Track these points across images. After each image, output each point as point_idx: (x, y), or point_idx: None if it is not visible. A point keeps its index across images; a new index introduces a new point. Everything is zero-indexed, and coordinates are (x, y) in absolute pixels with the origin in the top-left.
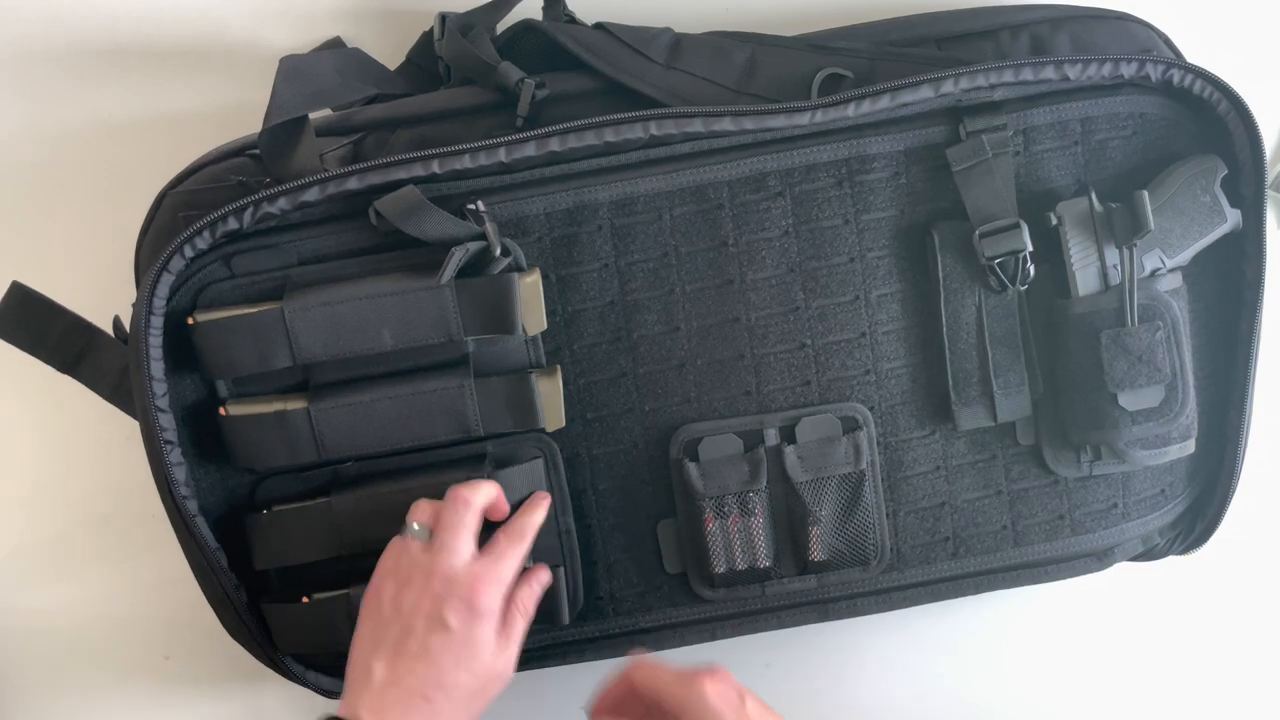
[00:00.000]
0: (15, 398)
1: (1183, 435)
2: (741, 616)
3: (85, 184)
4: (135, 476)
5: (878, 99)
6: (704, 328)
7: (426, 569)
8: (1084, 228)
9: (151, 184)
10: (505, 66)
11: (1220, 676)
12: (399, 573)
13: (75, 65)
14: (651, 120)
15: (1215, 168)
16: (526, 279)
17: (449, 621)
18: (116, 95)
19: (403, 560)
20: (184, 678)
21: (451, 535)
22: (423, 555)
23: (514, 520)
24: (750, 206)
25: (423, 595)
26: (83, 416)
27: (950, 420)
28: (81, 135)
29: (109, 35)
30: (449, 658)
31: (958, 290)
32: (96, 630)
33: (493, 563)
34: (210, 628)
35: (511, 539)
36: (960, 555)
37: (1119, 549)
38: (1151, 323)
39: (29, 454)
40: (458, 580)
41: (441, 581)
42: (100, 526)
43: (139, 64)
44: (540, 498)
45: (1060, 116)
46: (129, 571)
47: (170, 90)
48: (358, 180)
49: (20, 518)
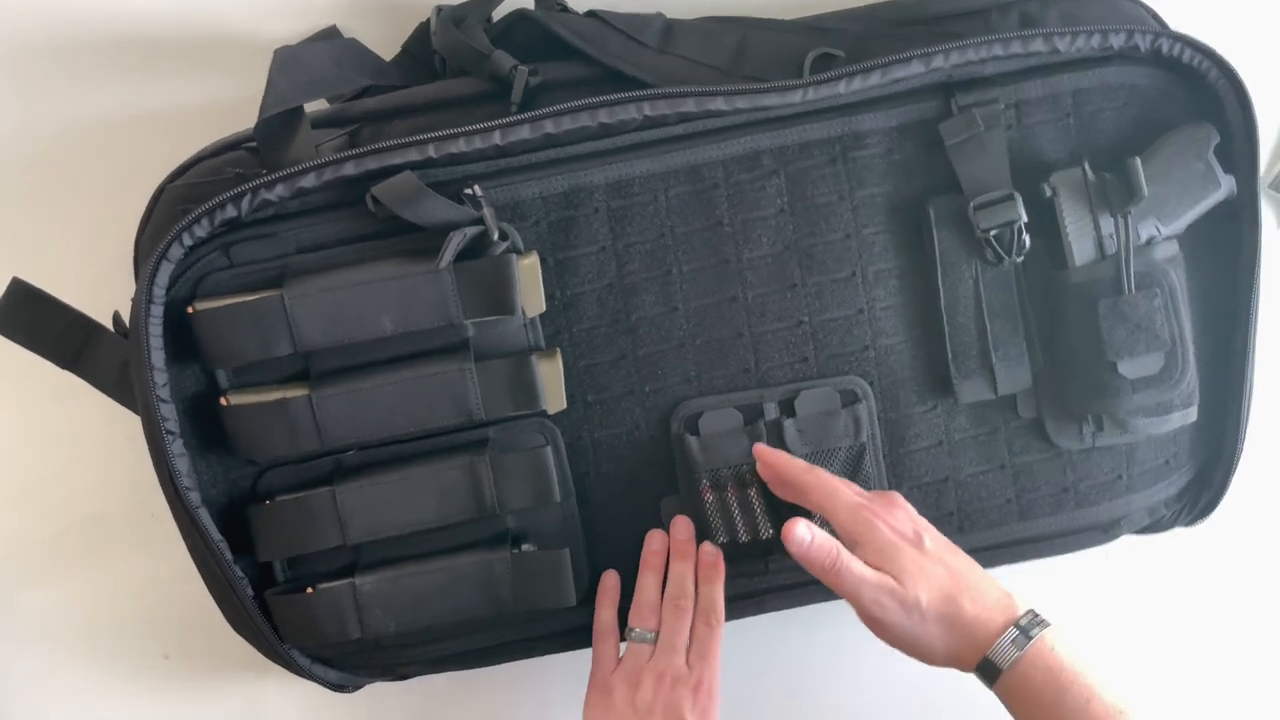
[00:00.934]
0: (14, 397)
1: (1184, 402)
2: (747, 597)
3: (83, 180)
4: (134, 476)
5: (869, 75)
6: (702, 307)
7: (658, 671)
8: (1078, 198)
9: (149, 179)
10: (499, 55)
11: (1227, 648)
12: (630, 673)
13: (70, 61)
14: (645, 101)
15: (1208, 135)
16: (524, 261)
17: (685, 716)
18: (112, 91)
19: (632, 661)
20: (184, 677)
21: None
22: (651, 658)
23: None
24: (745, 186)
25: (659, 695)
26: (82, 416)
27: (951, 394)
28: (78, 131)
29: (104, 31)
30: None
31: (954, 264)
32: (96, 630)
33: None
34: (209, 626)
35: (711, 628)
36: (965, 530)
37: (1125, 521)
38: (1149, 290)
39: (28, 453)
40: (686, 683)
41: (673, 684)
42: (99, 525)
43: (134, 59)
44: (716, 564)
45: (1052, 89)
46: (129, 571)
47: (166, 84)
48: (354, 166)
49: (19, 517)
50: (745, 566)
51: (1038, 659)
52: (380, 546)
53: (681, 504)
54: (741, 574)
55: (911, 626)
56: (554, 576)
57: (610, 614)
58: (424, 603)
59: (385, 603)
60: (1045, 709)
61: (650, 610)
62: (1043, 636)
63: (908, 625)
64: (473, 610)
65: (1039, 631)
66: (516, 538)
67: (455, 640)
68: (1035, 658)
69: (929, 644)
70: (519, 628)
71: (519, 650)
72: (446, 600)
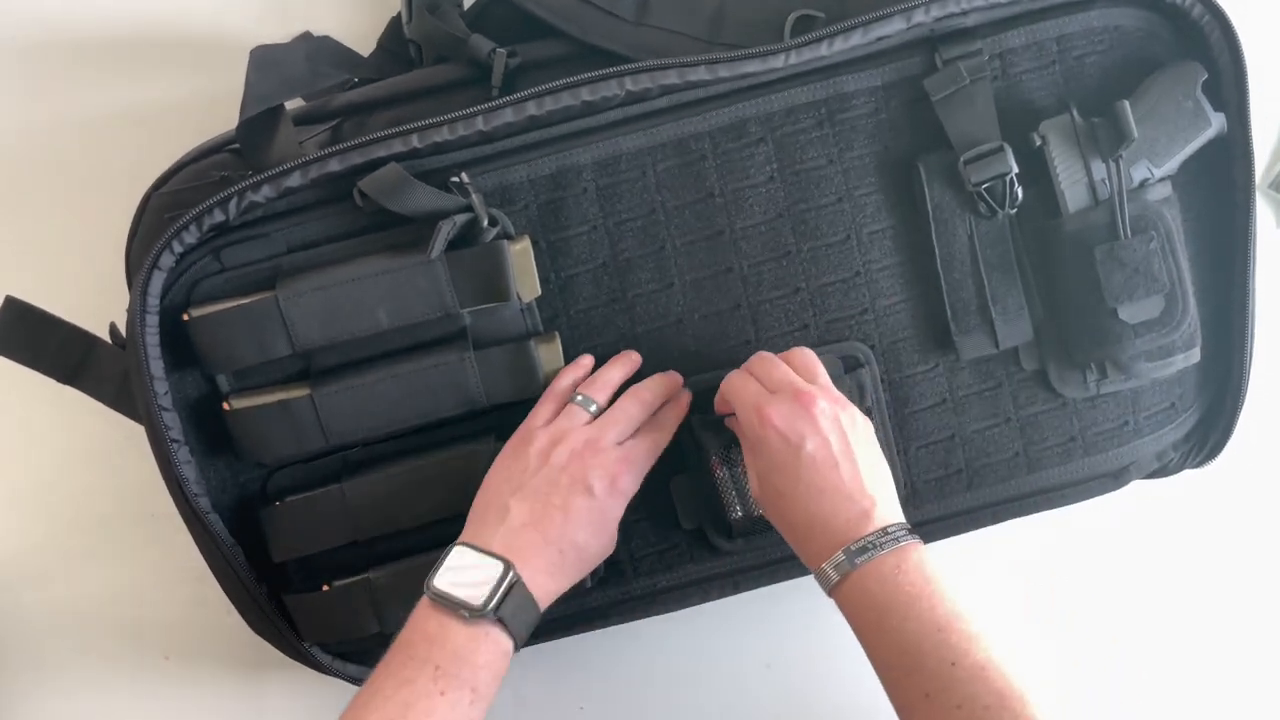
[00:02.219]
0: (14, 397)
1: (1186, 344)
2: (761, 567)
3: (66, 189)
4: (135, 476)
5: (850, 35)
6: (698, 281)
7: (586, 437)
8: (1068, 144)
9: (133, 186)
10: (476, 39)
11: (1241, 588)
12: (556, 430)
13: (39, 65)
14: (626, 76)
15: (1195, 73)
16: (516, 246)
17: (594, 488)
18: (87, 95)
19: (563, 421)
20: (184, 678)
21: (617, 421)
22: (585, 425)
23: (661, 412)
24: (733, 155)
25: (574, 458)
26: (82, 416)
27: (953, 351)
28: (54, 138)
29: (73, 34)
30: (585, 520)
31: (948, 220)
32: (96, 630)
33: (639, 449)
34: (209, 626)
35: (655, 430)
36: (975, 486)
37: (1134, 467)
38: (1145, 233)
39: (29, 454)
40: (609, 455)
41: (594, 452)
42: (100, 526)
43: (105, 61)
44: (684, 396)
45: (1035, 37)
46: (129, 571)
47: (140, 87)
48: (339, 161)
49: (20, 517)
50: (759, 540)
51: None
52: (393, 540)
53: (691, 481)
54: (756, 548)
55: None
56: None
57: (568, 383)
58: None
59: (401, 596)
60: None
61: (604, 388)
62: (876, 560)
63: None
64: None
65: (869, 555)
66: None
67: None
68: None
69: (779, 528)
70: None
71: (537, 635)
72: None
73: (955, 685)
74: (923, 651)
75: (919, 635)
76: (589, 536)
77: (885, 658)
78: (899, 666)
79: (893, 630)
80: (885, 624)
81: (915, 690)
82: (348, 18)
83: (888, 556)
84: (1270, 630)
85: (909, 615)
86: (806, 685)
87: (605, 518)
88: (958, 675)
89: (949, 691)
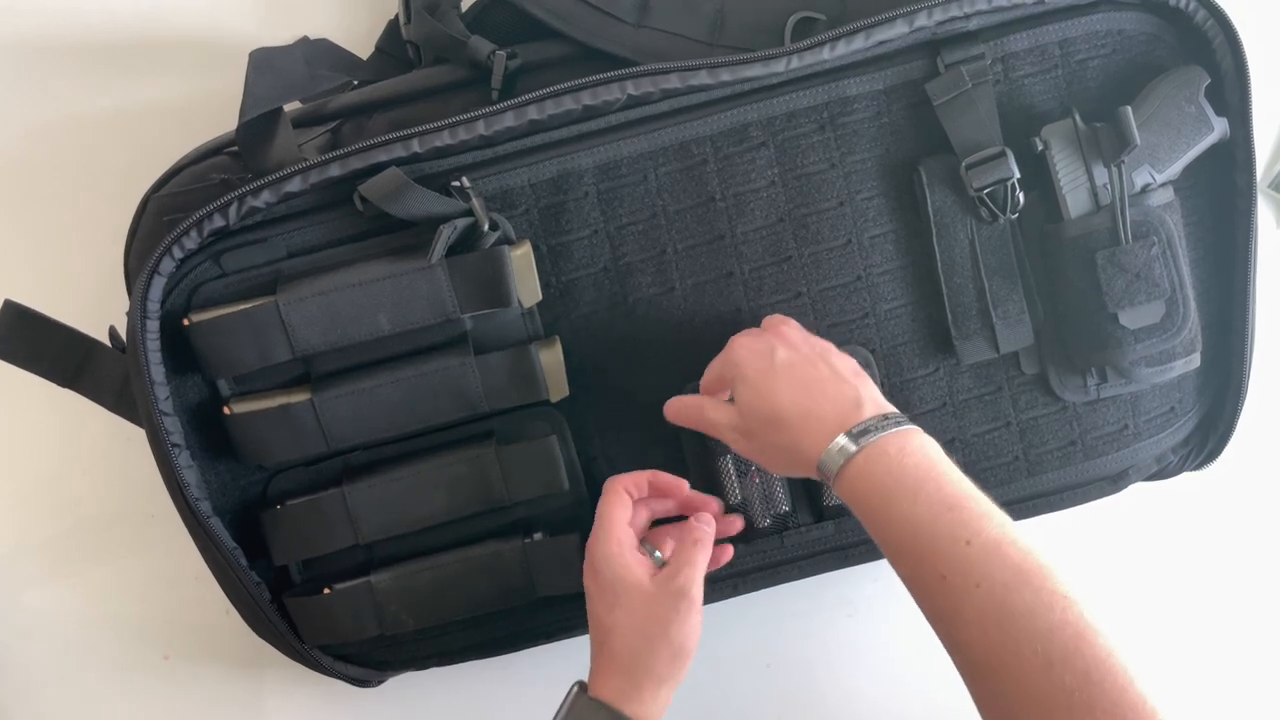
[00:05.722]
0: (15, 398)
1: (1187, 349)
2: (762, 570)
3: (64, 191)
4: (135, 476)
5: (852, 39)
6: (699, 285)
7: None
8: (1070, 149)
9: (132, 187)
10: (476, 41)
11: (1241, 590)
12: None
13: (39, 66)
14: (628, 80)
15: (1198, 78)
16: (517, 251)
17: None
18: (86, 96)
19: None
20: (184, 678)
21: (688, 569)
22: (655, 581)
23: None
24: (734, 159)
25: None
26: (82, 416)
27: (953, 356)
28: (54, 139)
29: (73, 35)
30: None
31: (949, 224)
32: (96, 630)
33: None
34: (209, 626)
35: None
36: None
37: (1133, 470)
38: (1146, 239)
39: (29, 454)
40: None
41: None
42: (100, 526)
43: (105, 63)
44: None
45: (1038, 40)
46: (129, 571)
47: (139, 89)
48: (339, 166)
49: (20, 517)
50: (761, 544)
51: (867, 464)
52: (393, 543)
53: (692, 484)
54: (758, 551)
55: (758, 450)
56: (565, 563)
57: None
58: (439, 596)
59: (401, 598)
60: (872, 512)
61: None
62: (879, 443)
63: (755, 450)
64: (487, 601)
65: (871, 438)
66: (527, 527)
67: (473, 630)
68: (864, 462)
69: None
70: (534, 616)
71: (538, 636)
72: (461, 592)
73: (972, 564)
74: (935, 533)
75: (931, 516)
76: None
77: (897, 543)
78: (912, 552)
79: (903, 513)
80: (894, 507)
81: (931, 573)
82: (345, 21)
83: (891, 438)
84: (1270, 631)
85: (919, 497)
86: (806, 685)
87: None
88: (973, 553)
89: (966, 571)
